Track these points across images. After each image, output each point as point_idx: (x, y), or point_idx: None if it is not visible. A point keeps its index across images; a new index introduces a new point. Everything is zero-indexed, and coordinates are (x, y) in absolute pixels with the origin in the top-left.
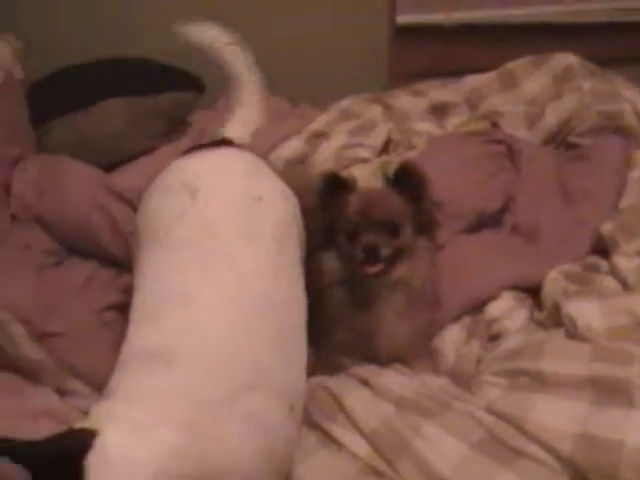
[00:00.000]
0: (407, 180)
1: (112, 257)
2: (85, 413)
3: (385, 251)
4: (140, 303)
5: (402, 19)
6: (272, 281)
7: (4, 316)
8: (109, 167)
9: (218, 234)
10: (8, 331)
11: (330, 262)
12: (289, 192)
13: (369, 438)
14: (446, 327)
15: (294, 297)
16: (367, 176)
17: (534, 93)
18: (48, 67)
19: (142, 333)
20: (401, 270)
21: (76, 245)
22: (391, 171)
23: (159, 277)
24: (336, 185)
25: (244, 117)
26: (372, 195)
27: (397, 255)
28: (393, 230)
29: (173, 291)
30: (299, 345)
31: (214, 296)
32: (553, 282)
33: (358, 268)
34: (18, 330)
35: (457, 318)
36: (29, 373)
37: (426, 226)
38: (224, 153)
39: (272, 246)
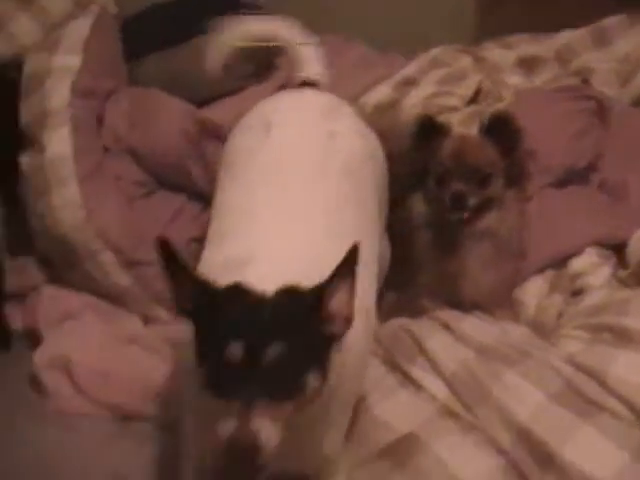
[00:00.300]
0: (502, 130)
1: (200, 190)
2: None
3: (472, 200)
4: (212, 233)
5: None
6: (340, 214)
7: (95, 245)
8: (198, 105)
9: (290, 168)
10: (99, 259)
11: (418, 205)
12: (368, 132)
13: (448, 381)
14: (529, 278)
15: (364, 231)
16: (456, 125)
17: (627, 51)
18: (140, 3)
19: (212, 254)
20: (489, 220)
21: (166, 177)
22: (485, 120)
23: (233, 209)
24: (430, 129)
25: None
26: (465, 142)
27: (485, 205)
28: (483, 179)
29: (244, 223)
30: (372, 269)
31: (284, 227)
32: (639, 241)
33: (445, 214)
34: (108, 258)
35: (540, 270)
36: (117, 300)
37: (517, 178)
38: (303, 93)
39: (343, 181)
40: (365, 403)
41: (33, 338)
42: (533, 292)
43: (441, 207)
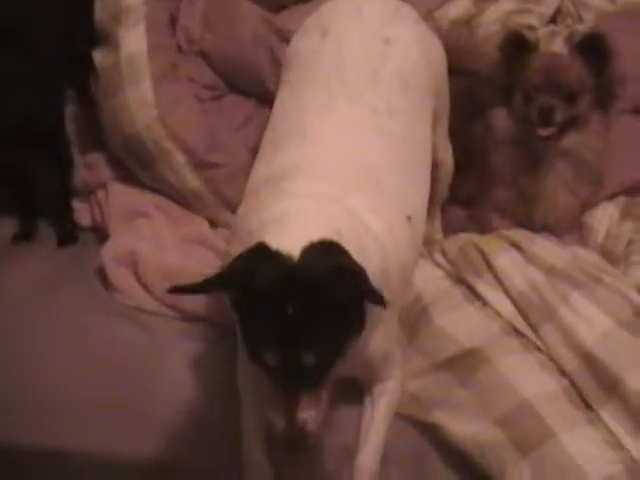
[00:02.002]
0: (594, 50)
1: (271, 95)
2: None
3: (559, 116)
4: (266, 138)
5: None
6: (390, 119)
7: (167, 144)
8: (273, 10)
9: (342, 73)
10: (170, 159)
11: (501, 120)
12: (429, 38)
13: (515, 300)
14: (600, 204)
15: (415, 136)
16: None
17: None
18: None
19: (264, 163)
20: (573, 139)
21: (238, 80)
22: (578, 38)
23: (286, 114)
24: (518, 45)
25: None
26: (555, 59)
27: (571, 123)
28: (571, 97)
29: (295, 129)
30: (420, 177)
31: (332, 139)
32: None
33: (530, 129)
34: (180, 159)
35: (612, 197)
36: (186, 202)
37: (605, 100)
38: None
39: (395, 87)
40: (428, 315)
41: (101, 233)
42: (603, 219)
43: (527, 123)
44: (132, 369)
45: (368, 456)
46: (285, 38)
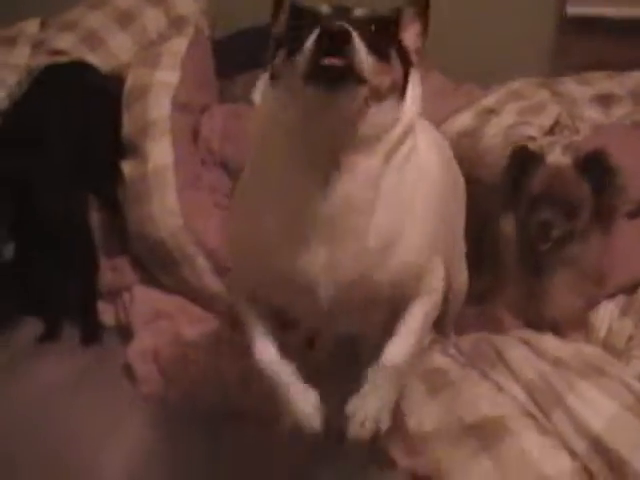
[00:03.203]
0: (597, 167)
1: None
2: None
3: (557, 232)
4: None
5: (572, 10)
6: None
7: (191, 250)
8: None
9: None
10: (194, 264)
11: (508, 226)
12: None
13: (526, 387)
14: (601, 303)
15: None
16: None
17: None
18: (232, 26)
19: None
20: (572, 250)
21: None
22: (582, 155)
23: None
24: (525, 158)
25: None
26: (559, 172)
27: (570, 236)
28: (571, 211)
29: None
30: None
31: None
32: None
33: (531, 239)
34: (202, 263)
35: (612, 296)
36: (207, 303)
37: (605, 215)
38: None
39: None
40: (450, 378)
41: (126, 334)
42: (605, 316)
43: (528, 232)
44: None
45: (393, 353)
46: None
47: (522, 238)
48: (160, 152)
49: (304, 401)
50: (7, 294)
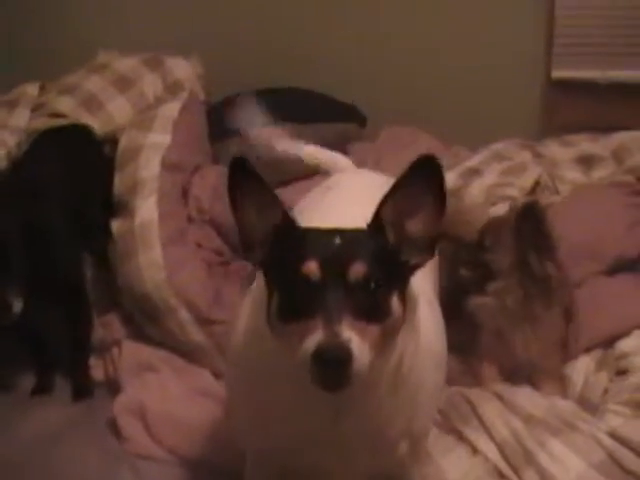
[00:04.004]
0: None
1: None
2: None
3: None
4: None
5: (557, 73)
6: None
7: (174, 303)
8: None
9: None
10: (176, 316)
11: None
12: None
13: (499, 445)
14: (578, 357)
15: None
16: None
17: None
18: (227, 91)
19: None
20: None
21: None
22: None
23: None
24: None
25: None
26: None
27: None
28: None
29: None
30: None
31: None
32: None
33: None
34: (185, 316)
35: (588, 350)
36: (191, 354)
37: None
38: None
39: None
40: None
41: (113, 387)
42: (581, 370)
43: None
44: None
45: None
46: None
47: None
48: (147, 209)
49: None
50: (4, 347)
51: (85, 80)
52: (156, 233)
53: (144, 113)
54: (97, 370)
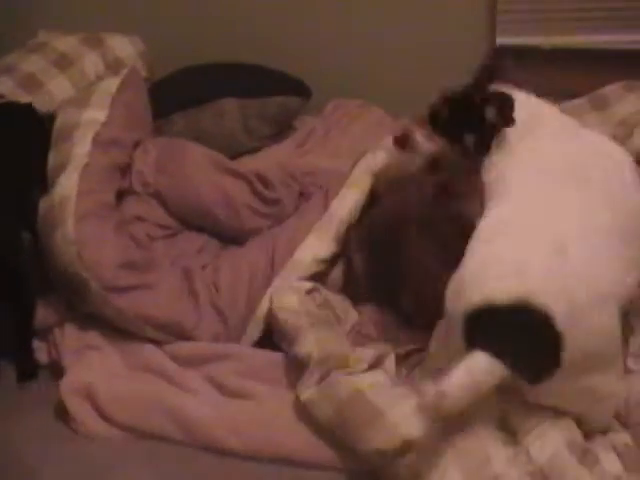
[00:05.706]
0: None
1: (223, 230)
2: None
3: None
4: None
5: (501, 40)
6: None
7: (86, 275)
8: None
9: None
10: (91, 288)
11: None
12: None
13: None
14: None
15: None
16: None
17: (624, 114)
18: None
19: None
20: None
21: (190, 219)
22: None
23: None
24: None
25: None
26: None
27: None
28: None
29: None
30: None
31: None
32: None
33: None
34: (96, 286)
35: None
36: (121, 325)
37: None
38: None
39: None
40: None
41: (57, 369)
42: None
43: None
44: None
45: None
46: (236, 174)
47: None
48: (67, 185)
49: None
50: None
51: (24, 60)
52: (72, 209)
53: (82, 90)
54: (40, 353)
